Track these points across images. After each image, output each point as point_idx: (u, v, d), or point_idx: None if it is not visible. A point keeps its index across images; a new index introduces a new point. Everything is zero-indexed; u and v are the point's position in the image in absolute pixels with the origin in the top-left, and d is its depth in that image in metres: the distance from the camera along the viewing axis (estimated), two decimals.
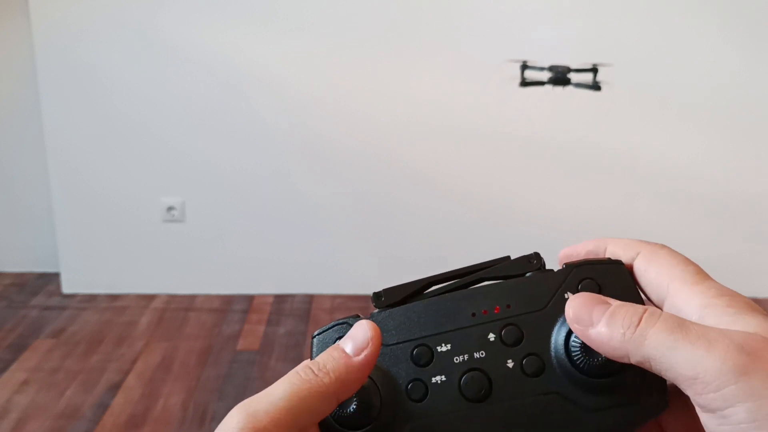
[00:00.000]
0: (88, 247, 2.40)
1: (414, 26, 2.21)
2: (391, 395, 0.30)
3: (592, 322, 0.27)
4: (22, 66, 2.35)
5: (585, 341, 0.28)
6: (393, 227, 2.39)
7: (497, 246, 2.33)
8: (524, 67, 2.22)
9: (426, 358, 0.30)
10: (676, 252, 0.30)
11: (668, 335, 0.25)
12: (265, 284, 2.44)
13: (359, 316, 0.31)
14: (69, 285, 2.42)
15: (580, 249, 0.32)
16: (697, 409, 0.25)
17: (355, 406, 0.28)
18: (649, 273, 0.29)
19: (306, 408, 0.26)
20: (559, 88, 2.21)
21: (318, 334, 0.31)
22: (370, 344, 0.28)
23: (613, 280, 0.30)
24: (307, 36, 2.22)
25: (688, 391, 0.25)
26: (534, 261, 0.32)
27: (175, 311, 2.31)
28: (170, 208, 2.36)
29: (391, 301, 0.32)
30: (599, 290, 0.30)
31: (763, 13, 2.20)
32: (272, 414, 0.25)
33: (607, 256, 0.31)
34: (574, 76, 2.22)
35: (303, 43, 2.22)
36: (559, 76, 2.20)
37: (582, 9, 2.20)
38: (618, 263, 0.31)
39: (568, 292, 0.30)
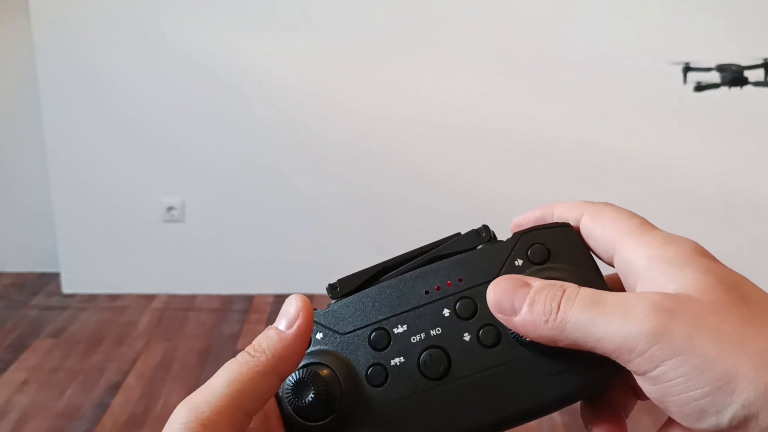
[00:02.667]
0: (88, 247, 2.40)
1: (413, 26, 2.21)
2: (351, 383, 0.29)
3: (515, 310, 0.27)
4: (22, 66, 2.35)
5: (512, 329, 0.27)
6: (393, 227, 2.38)
7: None
8: (687, 69, 2.10)
9: (384, 342, 0.30)
10: (619, 207, 0.29)
11: (585, 314, 0.25)
12: (265, 284, 2.44)
13: (316, 310, 0.31)
14: (69, 285, 2.42)
15: (529, 216, 0.32)
16: (635, 376, 0.25)
17: (312, 396, 0.28)
18: (595, 231, 0.29)
19: (248, 391, 0.26)
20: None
21: None
22: (300, 314, 0.28)
23: (562, 242, 0.30)
24: (308, 36, 2.22)
25: (619, 361, 0.25)
26: (483, 234, 0.31)
27: (175, 311, 2.31)
28: (170, 208, 2.36)
29: (347, 290, 0.32)
30: (549, 254, 0.30)
31: (763, 11, 2.20)
32: (214, 403, 0.26)
33: (555, 220, 0.31)
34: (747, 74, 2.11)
35: (303, 44, 2.22)
36: (736, 76, 2.07)
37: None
38: (565, 225, 0.30)
39: (518, 259, 0.30)
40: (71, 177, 2.33)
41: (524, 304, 0.26)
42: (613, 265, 0.29)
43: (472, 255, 0.31)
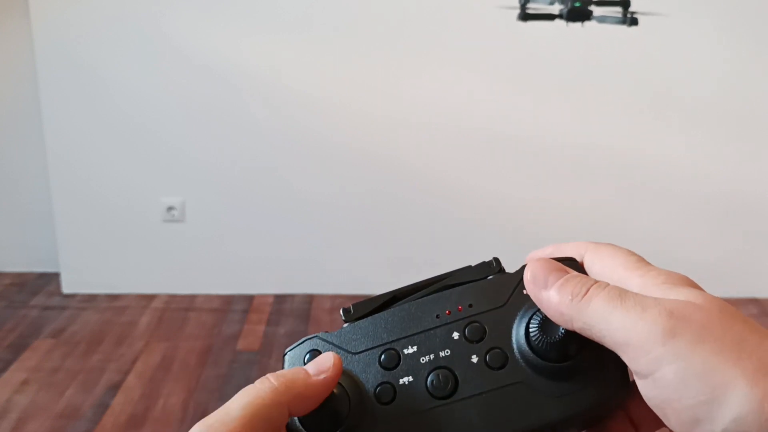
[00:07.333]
0: (88, 247, 2.40)
1: (412, 27, 2.21)
2: (359, 400, 0.30)
3: (546, 285, 0.29)
4: (22, 66, 2.35)
5: (535, 301, 0.29)
6: (394, 227, 2.39)
7: (496, 246, 2.33)
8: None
9: (393, 362, 0.31)
10: (619, 247, 0.32)
11: (608, 303, 0.27)
12: (265, 284, 2.44)
13: (325, 333, 0.32)
14: (69, 285, 2.42)
15: (542, 253, 0.34)
16: (635, 378, 0.26)
17: (320, 411, 0.29)
18: (594, 266, 0.31)
19: (261, 416, 0.27)
20: (576, 25, 1.63)
21: (289, 351, 0.32)
22: (331, 368, 0.29)
23: None
24: (308, 37, 2.22)
25: (624, 358, 0.26)
26: (494, 265, 0.33)
27: (175, 311, 2.31)
28: (170, 208, 2.36)
29: (360, 314, 0.33)
30: None
31: (763, 12, 2.20)
32: (228, 425, 0.27)
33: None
34: (596, 10, 1.76)
35: (304, 44, 2.22)
36: (577, 7, 1.70)
37: None
38: (571, 260, 0.32)
39: (525, 289, 0.31)
40: (71, 177, 2.33)
41: (558, 282, 0.29)
42: None
43: (482, 284, 0.32)
